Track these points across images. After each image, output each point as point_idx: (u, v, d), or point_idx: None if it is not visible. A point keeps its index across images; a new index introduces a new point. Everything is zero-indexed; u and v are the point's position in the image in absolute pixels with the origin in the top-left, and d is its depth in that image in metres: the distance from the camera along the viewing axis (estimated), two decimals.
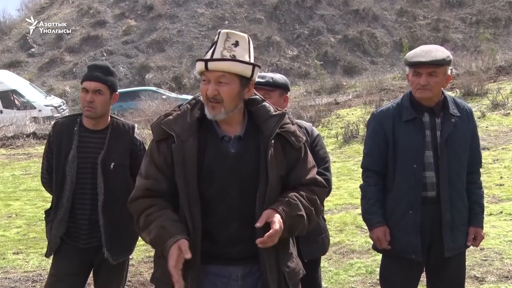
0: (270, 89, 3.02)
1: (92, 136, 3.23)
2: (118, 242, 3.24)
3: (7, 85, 21.13)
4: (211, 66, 2.15)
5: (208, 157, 2.21)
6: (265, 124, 2.26)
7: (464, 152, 3.06)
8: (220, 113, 2.19)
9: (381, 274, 3.31)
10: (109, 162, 3.19)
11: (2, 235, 6.77)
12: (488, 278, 4.50)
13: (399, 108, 3.08)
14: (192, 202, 2.17)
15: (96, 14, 32.82)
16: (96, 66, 3.27)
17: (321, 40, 29.07)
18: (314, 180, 2.35)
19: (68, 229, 3.19)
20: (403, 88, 14.95)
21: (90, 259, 3.30)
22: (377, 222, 3.07)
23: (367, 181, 3.14)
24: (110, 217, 3.19)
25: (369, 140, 3.17)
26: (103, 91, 3.18)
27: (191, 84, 26.95)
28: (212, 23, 30.36)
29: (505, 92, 12.30)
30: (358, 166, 9.22)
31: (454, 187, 3.02)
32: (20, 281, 5.16)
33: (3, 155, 12.47)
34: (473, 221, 3.12)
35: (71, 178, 3.15)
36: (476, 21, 28.56)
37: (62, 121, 3.32)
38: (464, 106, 3.14)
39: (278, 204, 2.20)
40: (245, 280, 2.26)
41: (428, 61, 2.90)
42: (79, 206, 3.19)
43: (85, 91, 3.17)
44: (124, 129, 3.29)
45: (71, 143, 3.18)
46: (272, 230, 2.09)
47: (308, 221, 2.28)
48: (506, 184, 7.26)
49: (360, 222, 6.23)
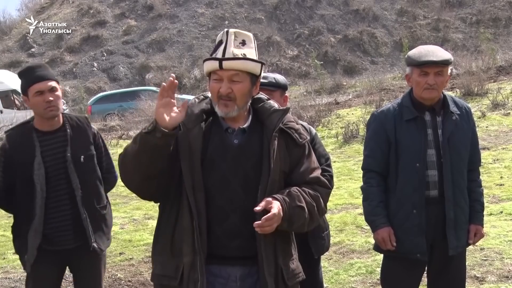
0: (273, 89, 3.09)
1: (53, 137, 3.20)
2: (101, 232, 3.28)
3: (7, 85, 21.10)
4: (225, 65, 2.20)
5: (211, 146, 2.25)
6: (269, 119, 2.31)
7: (465, 150, 3.08)
8: (234, 111, 2.25)
9: (382, 275, 3.30)
10: (79, 156, 3.20)
11: (2, 235, 6.78)
12: (488, 278, 4.50)
13: (400, 108, 3.08)
14: (197, 188, 2.20)
15: (96, 14, 32.80)
16: (34, 66, 3.21)
17: (321, 40, 29.05)
18: (317, 179, 2.36)
19: (47, 235, 3.14)
20: (403, 88, 14.93)
21: (68, 261, 3.30)
22: (381, 223, 3.06)
23: (369, 182, 3.13)
24: (90, 209, 3.21)
25: (371, 141, 3.16)
26: (56, 87, 3.17)
27: (191, 84, 26.93)
28: (212, 23, 30.35)
29: (505, 92, 12.29)
30: (358, 166, 9.22)
31: (457, 185, 3.03)
32: (20, 281, 5.16)
33: None
34: (474, 219, 3.13)
35: (40, 185, 3.11)
36: (476, 21, 28.53)
37: (15, 132, 3.24)
38: (463, 105, 3.15)
39: (279, 194, 2.22)
40: (244, 282, 2.26)
41: (439, 60, 2.93)
42: (57, 209, 3.16)
43: (40, 93, 3.11)
44: (80, 122, 3.30)
45: (34, 150, 3.13)
46: (270, 213, 2.11)
47: (310, 216, 2.29)
48: (506, 184, 7.25)
49: (360, 222, 6.23)
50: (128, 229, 6.75)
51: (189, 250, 2.19)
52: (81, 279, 3.34)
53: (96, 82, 28.15)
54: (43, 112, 3.14)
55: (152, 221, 6.95)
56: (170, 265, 2.24)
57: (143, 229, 6.75)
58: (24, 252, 3.18)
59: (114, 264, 5.48)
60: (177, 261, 2.22)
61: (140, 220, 7.21)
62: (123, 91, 22.84)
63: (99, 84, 28.13)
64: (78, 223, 3.18)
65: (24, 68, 3.26)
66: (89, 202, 3.22)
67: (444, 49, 3.16)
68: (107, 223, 3.35)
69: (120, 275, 5.25)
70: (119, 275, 5.24)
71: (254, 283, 2.26)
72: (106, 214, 3.34)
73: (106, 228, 3.34)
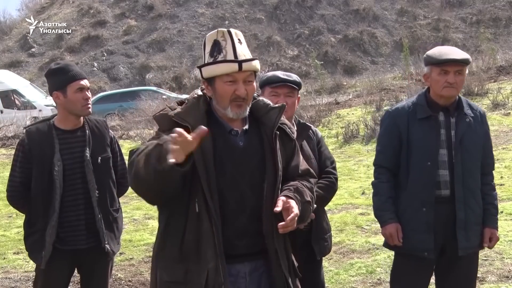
0: (297, 88, 3.11)
1: (72, 136, 3.21)
2: (113, 235, 3.28)
3: (8, 85, 21.10)
4: (245, 66, 2.19)
5: (219, 150, 2.23)
6: (267, 116, 2.31)
7: (478, 152, 3.09)
8: (245, 111, 2.27)
9: (391, 272, 3.34)
10: (96, 157, 3.21)
11: (3, 235, 6.78)
12: (488, 278, 4.51)
13: (414, 106, 3.11)
14: (213, 191, 2.19)
15: (97, 14, 32.80)
16: (71, 64, 3.27)
17: (321, 40, 29.05)
18: (308, 171, 2.43)
19: (60, 234, 3.15)
20: (403, 88, 14.95)
21: (78, 261, 3.29)
22: (389, 219, 3.09)
23: (380, 178, 3.17)
24: (104, 210, 3.22)
25: (383, 137, 3.20)
26: (90, 87, 3.25)
27: (191, 84, 26.91)
28: (213, 23, 30.33)
29: (505, 92, 12.29)
30: (358, 166, 9.23)
31: (468, 186, 3.04)
32: (21, 281, 5.16)
33: (3, 155, 12.48)
34: (488, 222, 3.15)
35: (59, 181, 3.12)
36: (476, 21, 28.52)
37: (35, 128, 3.24)
38: (477, 108, 3.18)
39: (288, 191, 2.24)
40: (251, 276, 2.29)
41: (460, 58, 2.96)
42: (72, 208, 3.17)
43: (80, 90, 3.15)
44: (99, 124, 3.33)
45: (53, 147, 3.14)
46: (293, 213, 2.14)
47: (312, 208, 2.36)
48: (506, 184, 7.26)
49: (360, 222, 6.24)
50: (128, 229, 6.75)
51: (212, 254, 2.17)
52: (89, 280, 3.34)
53: (96, 82, 28.13)
54: (80, 109, 3.17)
55: (153, 221, 6.95)
56: (178, 270, 2.22)
57: (144, 229, 6.75)
58: (38, 249, 3.17)
59: (115, 264, 5.47)
60: (186, 266, 2.20)
61: (141, 220, 7.21)
62: (123, 91, 22.82)
63: (99, 84, 28.13)
64: (91, 223, 3.19)
65: (59, 65, 3.25)
66: (104, 203, 3.22)
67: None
68: (119, 227, 3.35)
69: (120, 275, 5.25)
70: (119, 275, 5.24)
71: (260, 276, 2.29)
72: (118, 217, 3.35)
73: (118, 231, 3.34)
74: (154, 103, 17.15)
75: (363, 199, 7.23)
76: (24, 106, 20.38)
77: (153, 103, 17.34)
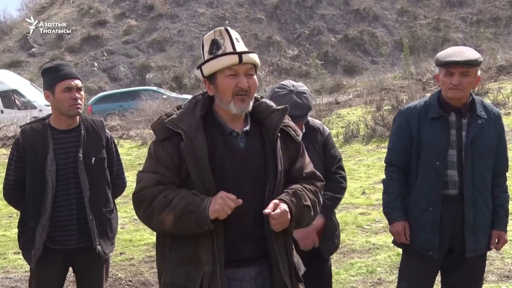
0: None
1: (67, 136, 3.21)
2: (106, 236, 3.28)
3: (8, 85, 21.09)
4: (245, 58, 2.18)
5: (219, 153, 2.21)
6: (269, 119, 2.29)
7: (489, 155, 3.08)
8: (249, 105, 2.23)
9: (399, 269, 3.36)
10: (90, 157, 3.21)
11: (3, 235, 6.79)
12: (488, 278, 4.50)
13: (426, 106, 3.12)
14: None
15: (97, 14, 32.81)
16: (63, 64, 3.24)
17: (321, 39, 29.05)
18: (313, 173, 2.40)
19: (51, 233, 3.16)
20: (404, 87, 14.94)
21: (71, 261, 3.30)
22: (397, 217, 3.11)
23: (390, 176, 3.20)
24: (97, 211, 3.21)
25: (394, 136, 3.22)
26: (82, 87, 3.21)
27: (191, 84, 26.93)
28: (213, 23, 30.33)
29: (505, 92, 12.29)
30: (358, 166, 9.23)
31: (477, 188, 3.04)
32: (21, 281, 5.16)
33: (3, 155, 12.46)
34: (497, 224, 3.13)
35: (51, 181, 3.12)
36: (476, 20, 28.53)
37: (31, 127, 3.24)
38: (492, 109, 3.17)
39: (285, 195, 2.23)
40: (256, 280, 2.28)
41: (462, 60, 2.94)
42: (64, 208, 3.17)
43: (68, 90, 3.13)
44: (95, 124, 3.32)
45: (47, 147, 3.15)
46: (279, 210, 2.15)
47: (314, 213, 2.32)
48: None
49: (360, 222, 6.24)
50: (128, 229, 6.75)
51: (208, 259, 2.17)
52: (83, 281, 3.34)
53: (96, 82, 28.16)
54: (67, 109, 3.14)
55: None
56: (180, 273, 2.23)
57: (144, 229, 6.74)
58: (30, 247, 3.18)
59: (115, 264, 5.48)
60: (187, 270, 2.21)
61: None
62: (123, 91, 22.83)
63: (100, 84, 28.14)
64: (83, 224, 3.19)
65: (51, 64, 3.25)
66: (96, 204, 3.22)
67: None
68: (112, 228, 3.34)
69: (120, 275, 5.25)
70: (119, 275, 5.24)
71: (265, 280, 2.28)
72: (112, 218, 3.34)
73: (111, 232, 3.33)
74: (154, 103, 17.17)
75: (363, 199, 7.23)
76: (25, 106, 20.39)
77: (153, 103, 17.36)
